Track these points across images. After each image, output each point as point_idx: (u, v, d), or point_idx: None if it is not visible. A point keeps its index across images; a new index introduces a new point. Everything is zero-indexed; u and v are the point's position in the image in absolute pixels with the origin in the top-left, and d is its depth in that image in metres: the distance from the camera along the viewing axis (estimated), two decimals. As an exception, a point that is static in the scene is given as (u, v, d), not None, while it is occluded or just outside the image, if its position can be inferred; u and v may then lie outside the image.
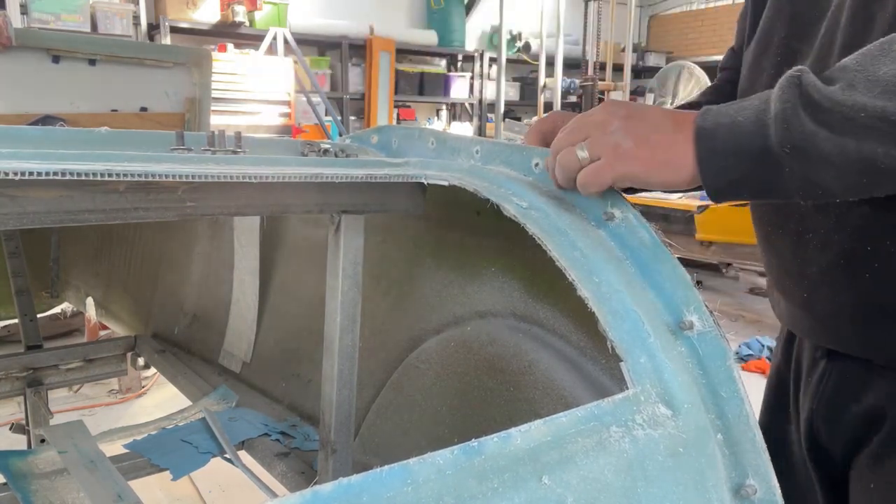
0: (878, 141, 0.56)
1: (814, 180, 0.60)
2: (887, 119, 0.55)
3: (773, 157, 0.60)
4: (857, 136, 0.57)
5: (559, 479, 0.50)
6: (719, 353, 0.61)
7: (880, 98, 0.56)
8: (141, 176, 0.62)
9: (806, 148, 0.58)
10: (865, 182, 0.59)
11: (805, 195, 0.62)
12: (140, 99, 1.97)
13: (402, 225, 1.13)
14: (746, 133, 0.61)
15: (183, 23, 5.43)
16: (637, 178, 0.66)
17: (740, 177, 0.62)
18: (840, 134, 0.57)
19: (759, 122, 0.60)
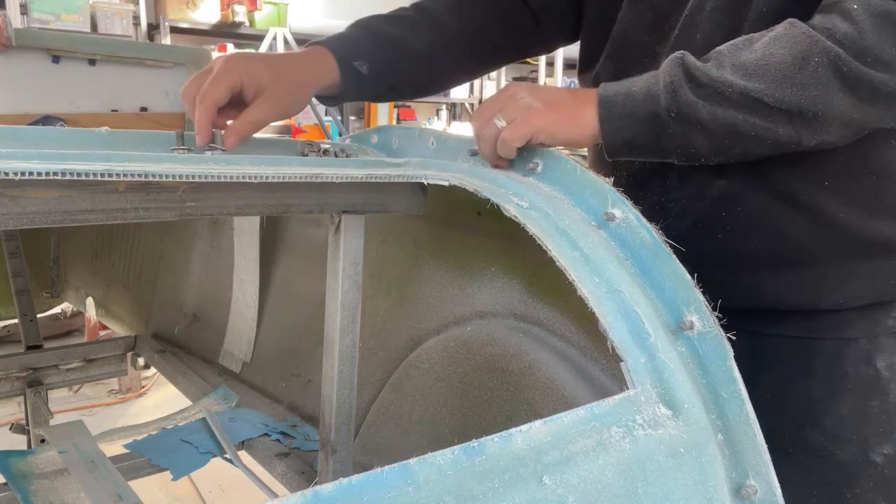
0: (739, 110, 0.71)
1: (690, 141, 0.74)
2: (747, 94, 0.70)
3: (660, 120, 0.74)
4: (724, 106, 0.71)
5: (560, 479, 0.50)
6: (720, 353, 0.61)
7: (742, 79, 0.71)
8: (141, 176, 0.62)
9: (687, 113, 0.72)
10: (728, 143, 0.73)
11: (681, 154, 0.76)
12: (140, 99, 1.96)
13: (403, 225, 1.13)
14: (640, 101, 0.75)
15: (183, 23, 5.42)
16: (548, 131, 0.77)
17: (632, 136, 0.76)
18: (712, 104, 0.72)
19: (650, 92, 0.74)
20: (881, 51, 0.68)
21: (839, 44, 0.68)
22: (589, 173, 0.73)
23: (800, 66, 0.69)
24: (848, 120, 0.71)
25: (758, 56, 0.71)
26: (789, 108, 0.70)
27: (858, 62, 0.68)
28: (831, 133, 0.72)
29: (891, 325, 0.86)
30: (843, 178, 0.81)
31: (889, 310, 0.86)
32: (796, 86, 0.69)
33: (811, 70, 0.69)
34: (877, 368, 0.85)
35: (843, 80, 0.69)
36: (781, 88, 0.70)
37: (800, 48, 0.69)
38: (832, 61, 0.68)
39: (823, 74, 0.69)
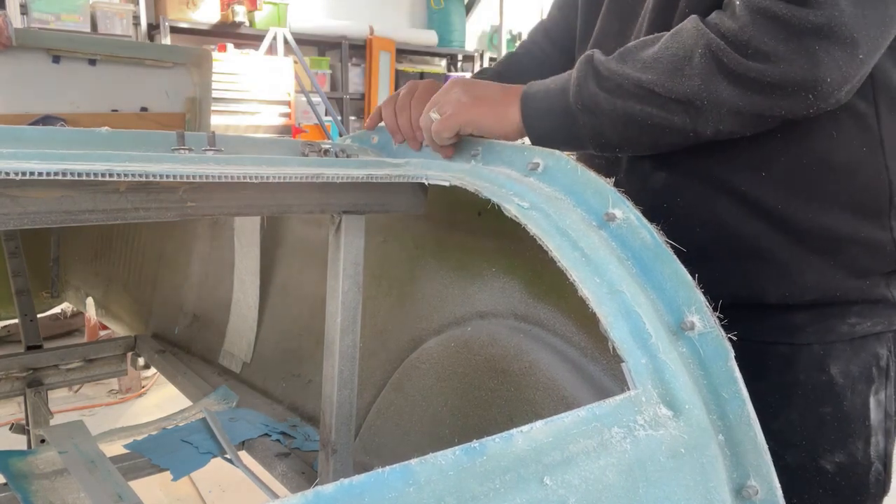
0: (637, 101, 0.76)
1: (598, 131, 0.80)
2: (641, 85, 0.76)
3: (570, 113, 0.80)
4: (623, 97, 0.77)
5: (561, 479, 0.50)
6: (720, 354, 0.61)
7: (639, 71, 0.76)
8: (141, 176, 0.62)
9: (591, 105, 0.79)
10: (631, 133, 0.79)
11: (594, 144, 0.81)
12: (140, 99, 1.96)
13: (403, 225, 1.13)
14: (554, 96, 0.82)
15: (183, 23, 5.42)
16: (477, 123, 0.85)
17: (551, 128, 0.82)
18: (613, 96, 0.77)
19: (562, 88, 0.81)
20: (760, 43, 0.71)
21: (723, 37, 0.73)
22: (589, 173, 0.73)
23: (687, 58, 0.74)
24: (736, 109, 0.74)
25: (655, 50, 0.76)
26: (678, 98, 0.75)
27: (739, 54, 0.72)
28: (724, 122, 0.75)
29: (845, 332, 0.83)
30: (780, 168, 0.81)
31: (844, 315, 0.83)
32: (684, 77, 0.74)
33: (696, 62, 0.73)
34: (830, 375, 0.83)
35: (724, 71, 0.73)
36: (671, 79, 0.74)
37: (689, 42, 0.74)
38: (713, 53, 0.73)
39: (707, 66, 0.73)
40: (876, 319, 0.84)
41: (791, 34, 0.70)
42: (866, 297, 0.83)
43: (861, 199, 0.81)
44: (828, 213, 0.81)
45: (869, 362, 0.84)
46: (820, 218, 0.81)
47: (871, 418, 0.84)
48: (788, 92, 0.72)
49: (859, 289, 0.83)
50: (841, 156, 0.81)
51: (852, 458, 0.84)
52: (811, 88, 0.71)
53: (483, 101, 0.85)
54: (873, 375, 0.84)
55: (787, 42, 0.70)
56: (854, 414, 0.83)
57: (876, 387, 0.84)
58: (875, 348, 0.84)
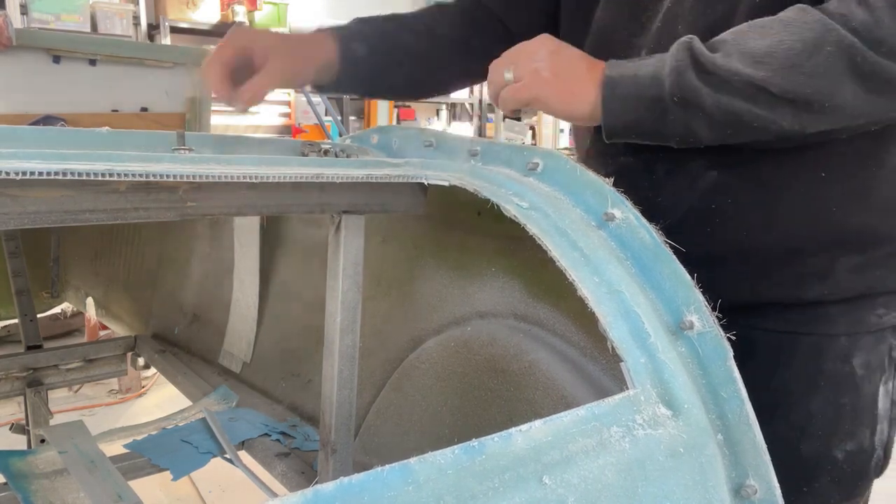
0: (744, 99, 0.70)
1: (691, 127, 0.73)
2: (753, 84, 0.69)
3: (663, 104, 0.73)
4: (730, 94, 0.70)
5: (560, 478, 0.50)
6: (720, 353, 0.61)
7: (749, 66, 0.69)
8: (141, 176, 0.62)
9: (690, 99, 0.72)
10: (729, 132, 0.73)
11: (680, 139, 0.76)
12: (140, 99, 1.96)
13: (403, 225, 1.13)
14: (645, 84, 0.74)
15: (183, 23, 5.42)
16: (546, 102, 0.79)
17: (634, 119, 0.75)
18: (717, 91, 0.70)
19: (655, 75, 0.73)
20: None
21: (854, 32, 0.66)
22: (589, 173, 0.73)
23: (810, 54, 0.67)
24: (855, 111, 0.69)
25: (766, 43, 0.69)
26: (795, 98, 0.68)
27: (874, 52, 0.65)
28: (836, 123, 0.71)
29: (873, 322, 0.84)
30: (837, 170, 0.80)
31: (873, 306, 0.84)
32: (804, 74, 0.67)
33: (822, 59, 0.66)
34: (853, 366, 0.84)
35: (855, 71, 0.66)
36: (788, 77, 0.68)
37: (811, 35, 0.67)
38: (846, 50, 0.66)
39: (835, 64, 0.66)
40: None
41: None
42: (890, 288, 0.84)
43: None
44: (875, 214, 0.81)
45: (884, 353, 0.85)
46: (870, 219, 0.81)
47: (879, 407, 0.86)
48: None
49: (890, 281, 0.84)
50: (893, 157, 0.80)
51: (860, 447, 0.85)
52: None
53: (561, 78, 0.78)
54: (885, 366, 0.85)
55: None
56: (867, 404, 0.85)
57: (886, 377, 0.86)
58: (890, 339, 0.86)
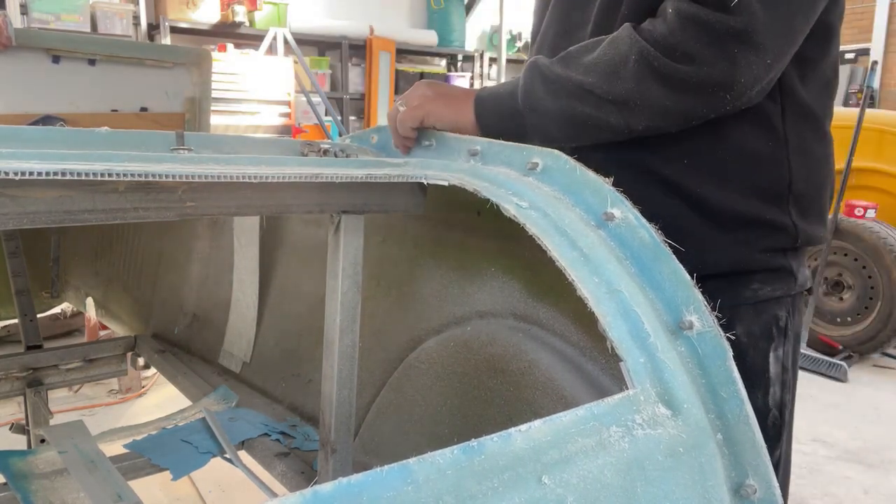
0: (578, 101, 0.85)
1: (543, 129, 0.89)
2: (582, 87, 0.84)
3: (519, 114, 0.90)
4: (566, 98, 0.85)
5: (559, 478, 0.50)
6: (719, 353, 0.61)
7: (581, 75, 0.84)
8: (141, 176, 0.62)
9: (538, 107, 0.88)
10: (573, 130, 0.87)
11: (542, 141, 0.87)
12: (140, 99, 1.96)
13: (403, 225, 1.13)
14: (504, 100, 0.92)
15: (183, 23, 5.43)
16: (437, 115, 0.94)
17: (502, 128, 0.91)
18: (557, 97, 0.86)
19: (511, 93, 0.91)
20: (686, 47, 0.79)
21: (654, 43, 0.80)
22: (589, 173, 0.73)
23: (623, 63, 0.82)
24: (664, 108, 0.82)
25: (594, 56, 0.85)
26: (615, 99, 0.83)
27: (667, 58, 0.79)
28: (654, 120, 0.84)
29: (749, 296, 0.94)
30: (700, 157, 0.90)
31: (748, 281, 0.93)
32: (620, 79, 0.82)
33: (631, 66, 0.81)
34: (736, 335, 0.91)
35: (655, 74, 0.80)
36: (609, 82, 0.82)
37: (624, 48, 0.82)
38: (645, 58, 0.80)
39: (640, 70, 0.81)
40: (776, 285, 0.95)
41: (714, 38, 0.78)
42: (768, 266, 0.94)
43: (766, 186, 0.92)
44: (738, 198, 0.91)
45: (769, 323, 0.95)
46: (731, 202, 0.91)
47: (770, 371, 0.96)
48: (710, 91, 0.81)
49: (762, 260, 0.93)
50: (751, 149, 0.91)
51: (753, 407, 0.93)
52: (728, 88, 0.80)
53: (445, 98, 0.96)
54: (773, 334, 0.96)
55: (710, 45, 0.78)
56: (756, 368, 0.94)
57: (775, 344, 0.96)
58: (775, 310, 0.96)
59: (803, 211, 0.95)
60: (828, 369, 3.61)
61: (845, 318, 3.87)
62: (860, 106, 3.81)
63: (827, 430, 3.01)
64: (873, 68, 3.93)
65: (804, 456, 2.77)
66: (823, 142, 0.97)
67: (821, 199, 0.98)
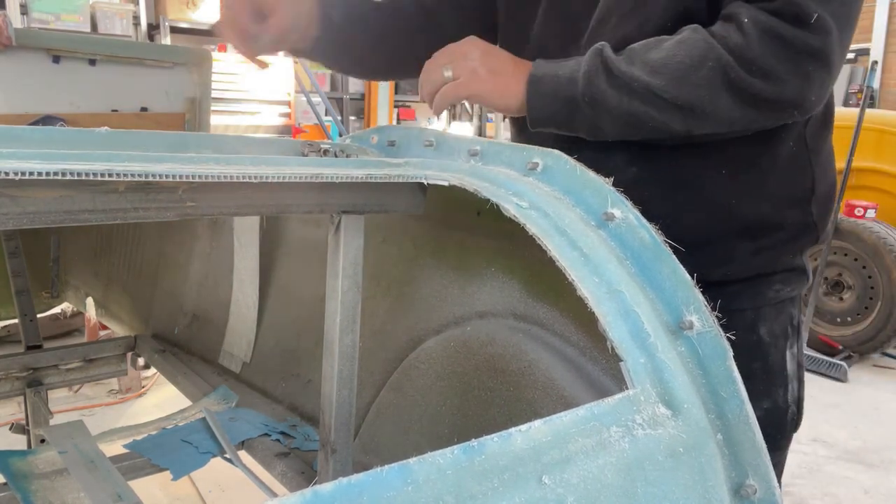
0: (642, 102, 0.82)
1: (597, 123, 0.85)
2: (650, 89, 0.81)
3: (576, 102, 0.85)
4: (630, 97, 0.82)
5: (559, 478, 0.50)
6: (719, 353, 0.61)
7: (647, 74, 0.81)
8: (141, 176, 0.62)
9: (598, 100, 0.84)
10: (628, 130, 0.85)
11: (588, 133, 0.87)
12: (140, 99, 1.96)
13: (403, 225, 1.13)
14: (562, 84, 0.86)
15: (183, 23, 5.43)
16: (482, 98, 0.89)
17: (552, 113, 0.87)
18: (620, 94, 0.82)
19: (571, 78, 0.85)
20: (764, 62, 0.78)
21: (730, 52, 0.78)
22: (589, 173, 0.73)
23: (696, 68, 0.79)
24: (730, 118, 0.82)
25: (662, 56, 0.81)
26: (682, 104, 0.81)
27: (744, 70, 0.78)
28: (718, 128, 0.83)
29: (772, 297, 0.96)
30: (739, 166, 0.91)
31: (770, 282, 0.96)
32: (691, 85, 0.80)
33: (705, 72, 0.79)
34: (759, 335, 0.95)
35: (729, 84, 0.79)
36: (678, 86, 0.80)
37: (697, 52, 0.80)
38: (723, 67, 0.78)
39: (714, 77, 0.79)
40: (794, 285, 0.98)
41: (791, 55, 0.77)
42: (787, 266, 0.96)
43: (793, 190, 0.93)
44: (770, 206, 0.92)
45: (786, 321, 0.98)
46: (764, 210, 0.92)
47: (788, 369, 0.98)
48: (780, 107, 0.81)
49: (785, 261, 0.96)
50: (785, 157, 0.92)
51: (776, 404, 0.97)
52: (798, 105, 0.80)
53: (495, 76, 0.89)
54: (788, 332, 0.98)
55: (787, 62, 0.77)
56: (777, 367, 0.97)
57: (790, 342, 0.98)
58: (790, 309, 0.99)
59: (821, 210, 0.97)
60: (828, 369, 3.62)
61: (845, 318, 3.88)
62: (860, 106, 3.81)
63: (827, 430, 3.01)
64: (873, 68, 3.94)
65: (804, 456, 2.78)
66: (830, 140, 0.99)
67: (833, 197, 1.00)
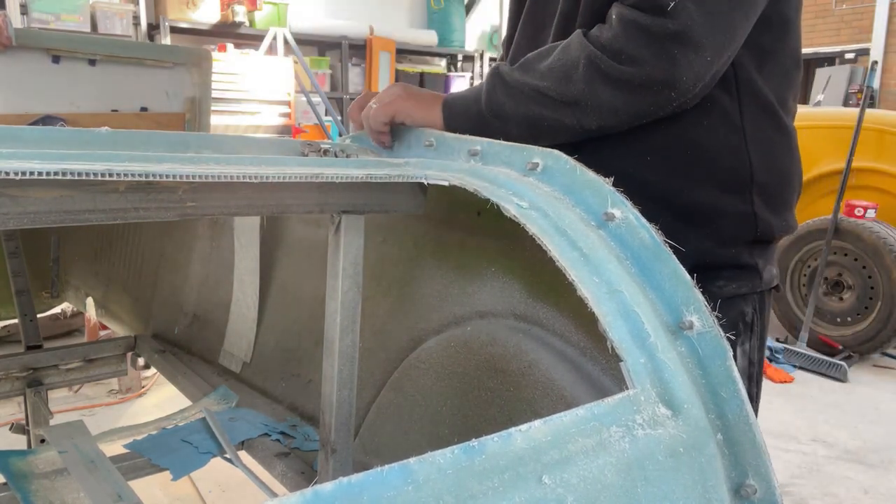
0: (536, 105, 0.91)
1: (505, 131, 0.92)
2: (539, 91, 0.90)
3: (483, 117, 0.95)
4: (525, 102, 0.92)
5: (559, 478, 0.50)
6: (719, 353, 0.61)
7: (537, 79, 0.90)
8: (141, 176, 0.62)
9: (499, 111, 0.94)
10: (531, 132, 0.92)
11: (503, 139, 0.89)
12: (140, 99, 1.96)
13: (403, 225, 1.13)
14: (470, 104, 0.97)
15: (183, 23, 5.43)
16: (407, 113, 0.99)
17: (466, 128, 0.95)
18: (516, 101, 0.92)
19: (476, 97, 0.97)
20: (630, 51, 0.85)
21: (601, 47, 0.86)
22: (589, 173, 0.73)
23: (574, 67, 0.88)
24: (614, 107, 0.88)
25: (549, 62, 0.90)
26: (568, 100, 0.88)
27: (613, 61, 0.85)
28: (605, 119, 0.89)
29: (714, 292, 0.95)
30: (660, 152, 0.95)
31: (715, 277, 0.97)
32: (572, 82, 0.88)
33: (581, 70, 0.87)
34: None
35: (602, 76, 0.86)
36: (562, 85, 0.88)
37: (574, 53, 0.88)
38: (593, 61, 0.86)
39: (589, 72, 0.87)
40: (741, 282, 0.99)
41: (653, 40, 0.84)
42: (733, 262, 0.98)
43: (727, 178, 0.96)
44: (700, 191, 0.95)
45: (736, 319, 0.99)
46: (694, 195, 0.95)
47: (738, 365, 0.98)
48: (654, 90, 0.86)
49: (727, 255, 0.97)
50: (709, 142, 0.95)
51: None
52: (671, 86, 0.85)
53: (416, 98, 1.01)
54: (739, 329, 1.00)
55: (650, 47, 0.84)
56: None
57: (742, 339, 1.00)
58: (741, 307, 1.00)
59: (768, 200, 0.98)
60: (828, 369, 3.61)
61: (845, 318, 3.87)
62: (860, 106, 3.81)
63: (827, 430, 3.01)
64: (873, 68, 3.94)
65: (804, 456, 2.78)
66: (784, 131, 1.01)
67: (787, 188, 1.02)
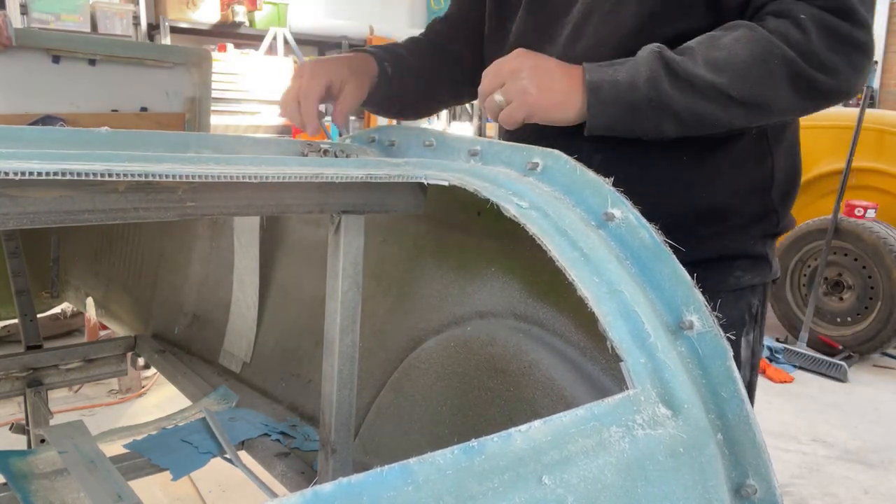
0: (707, 101, 0.83)
1: (661, 126, 0.85)
2: (715, 88, 0.82)
3: (640, 108, 0.84)
4: (696, 98, 0.83)
5: (559, 478, 0.50)
6: (719, 353, 0.61)
7: (713, 74, 0.82)
8: (141, 176, 0.62)
9: (664, 103, 0.84)
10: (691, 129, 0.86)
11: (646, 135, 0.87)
12: (140, 99, 1.96)
13: (403, 225, 1.13)
14: (623, 89, 0.85)
15: (183, 23, 5.43)
16: (539, 116, 0.89)
17: (614, 120, 0.86)
18: (685, 95, 0.83)
19: (632, 83, 0.84)
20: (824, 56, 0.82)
21: (792, 47, 0.82)
22: (589, 173, 0.73)
23: (759, 64, 0.82)
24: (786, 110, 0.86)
25: (724, 55, 0.83)
26: (747, 101, 0.83)
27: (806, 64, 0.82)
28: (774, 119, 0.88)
29: (732, 283, 0.99)
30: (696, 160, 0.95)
31: (732, 269, 0.99)
32: (754, 81, 0.82)
33: (769, 69, 0.82)
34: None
35: (792, 80, 0.82)
36: (743, 83, 0.82)
37: (759, 49, 0.82)
38: (788, 63, 0.82)
39: (778, 73, 0.82)
40: (755, 273, 1.00)
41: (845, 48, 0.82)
42: (750, 253, 1.00)
43: (753, 177, 0.98)
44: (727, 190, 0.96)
45: (743, 310, 1.01)
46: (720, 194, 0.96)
47: (742, 356, 1.00)
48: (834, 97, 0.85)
49: (744, 247, 0.99)
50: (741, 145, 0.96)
51: None
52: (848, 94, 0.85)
53: (548, 92, 0.88)
54: (745, 320, 1.01)
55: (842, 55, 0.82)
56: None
57: (747, 329, 1.01)
58: (750, 298, 1.01)
59: (783, 199, 1.01)
60: (828, 369, 3.62)
61: (845, 318, 3.88)
62: (860, 106, 3.81)
63: (827, 430, 3.01)
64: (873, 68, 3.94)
65: (804, 456, 2.78)
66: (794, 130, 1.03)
67: (796, 187, 1.04)
